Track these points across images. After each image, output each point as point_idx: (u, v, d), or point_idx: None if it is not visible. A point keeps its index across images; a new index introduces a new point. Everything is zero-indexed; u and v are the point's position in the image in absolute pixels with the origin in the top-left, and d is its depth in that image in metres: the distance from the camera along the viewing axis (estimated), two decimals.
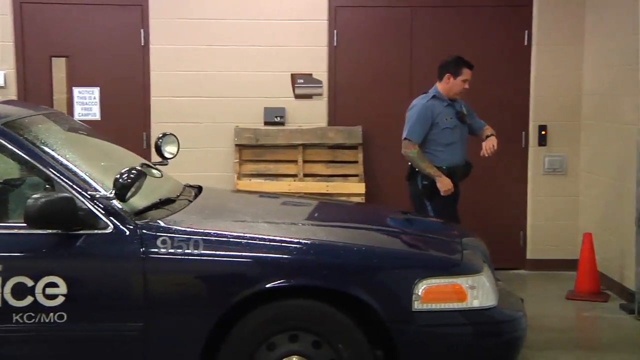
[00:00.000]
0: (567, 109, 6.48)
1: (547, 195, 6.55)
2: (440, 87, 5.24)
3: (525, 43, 6.47)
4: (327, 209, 4.45)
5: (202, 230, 3.34)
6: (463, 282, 3.34)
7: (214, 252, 3.28)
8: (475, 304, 3.34)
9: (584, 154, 6.43)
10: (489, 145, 5.19)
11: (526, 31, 6.47)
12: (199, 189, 4.26)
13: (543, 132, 6.47)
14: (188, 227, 3.36)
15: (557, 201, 6.56)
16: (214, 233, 3.35)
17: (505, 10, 6.49)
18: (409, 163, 5.25)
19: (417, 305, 3.26)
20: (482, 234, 4.38)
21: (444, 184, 5.07)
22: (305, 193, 6.13)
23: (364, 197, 6.22)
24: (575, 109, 6.46)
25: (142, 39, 6.45)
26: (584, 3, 6.37)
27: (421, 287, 3.27)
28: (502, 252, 6.16)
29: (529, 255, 6.62)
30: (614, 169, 5.86)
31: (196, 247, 3.26)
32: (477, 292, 3.35)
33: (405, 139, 5.17)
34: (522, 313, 3.57)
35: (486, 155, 5.21)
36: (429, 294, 3.28)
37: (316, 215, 4.18)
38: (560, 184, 6.55)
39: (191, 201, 3.91)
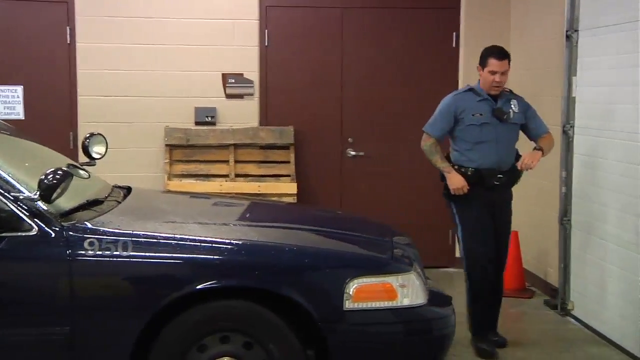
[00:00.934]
0: None
1: None
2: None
3: (454, 45, 6.59)
4: (259, 209, 4.44)
5: (131, 232, 3.29)
6: (393, 280, 3.38)
7: (143, 254, 3.23)
8: (406, 302, 3.38)
9: None
10: (526, 160, 4.54)
11: (454, 33, 6.59)
12: (128, 190, 4.19)
13: None
14: (116, 229, 3.30)
15: None
16: (143, 234, 3.30)
17: (434, 12, 6.60)
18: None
19: (348, 305, 3.28)
20: (411, 233, 4.44)
21: (453, 182, 4.57)
22: (236, 193, 6.11)
23: (295, 197, 6.23)
24: None
25: (68, 36, 6.29)
26: (508, 7, 6.53)
27: (352, 287, 3.29)
28: (432, 251, 6.28)
29: (457, 254, 6.71)
30: (538, 169, 5.99)
31: (125, 249, 3.20)
32: (407, 290, 3.39)
33: (423, 130, 4.78)
34: (451, 310, 3.63)
35: (521, 169, 4.60)
36: (360, 293, 3.30)
37: (248, 215, 4.16)
38: None
39: (120, 202, 3.84)
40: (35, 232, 3.17)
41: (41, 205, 3.19)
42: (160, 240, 3.29)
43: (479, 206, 4.60)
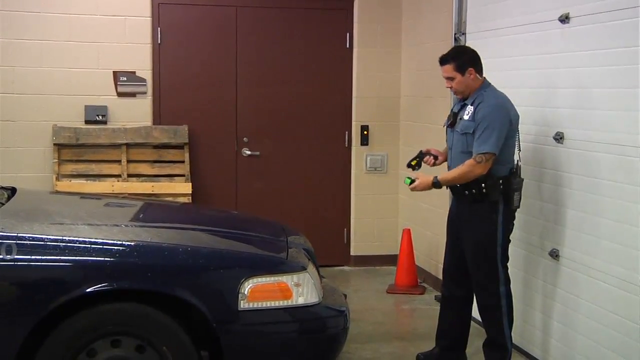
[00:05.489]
0: (387, 110, 6.76)
1: (369, 193, 6.80)
2: None
3: (347, 46, 6.67)
4: (152, 210, 4.37)
5: (15, 234, 3.18)
6: (288, 280, 3.39)
7: (29, 257, 3.13)
8: (300, 301, 3.41)
9: (402, 153, 6.73)
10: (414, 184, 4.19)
11: (348, 34, 6.67)
12: (13, 191, 4.04)
13: (365, 132, 6.71)
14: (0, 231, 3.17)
15: (378, 199, 6.82)
16: (29, 237, 3.20)
17: (329, 13, 6.66)
18: None
19: (243, 305, 3.28)
20: (307, 232, 4.48)
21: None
22: (129, 194, 5.98)
23: (190, 197, 6.15)
24: (395, 110, 6.75)
25: None
26: (400, 9, 6.67)
27: (247, 286, 3.29)
28: (327, 250, 6.35)
29: (352, 252, 6.84)
30: (423, 167, 6.16)
31: (9, 252, 3.09)
32: (302, 289, 3.41)
33: None
34: (345, 308, 3.68)
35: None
36: (255, 292, 3.30)
37: (141, 216, 4.09)
38: (381, 182, 6.82)
39: (3, 204, 3.70)
40: None
41: None
42: (48, 243, 3.20)
43: (448, 215, 4.43)
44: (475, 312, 4.49)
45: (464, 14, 5.44)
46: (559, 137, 4.22)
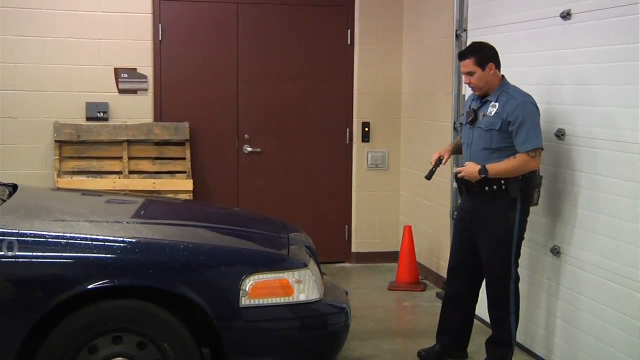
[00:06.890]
0: (389, 107, 6.75)
1: (370, 189, 6.80)
2: None
3: (348, 42, 6.67)
4: (154, 207, 4.37)
5: (16, 231, 3.18)
6: (290, 276, 3.39)
7: (30, 254, 3.13)
8: (302, 297, 3.41)
9: (403, 149, 6.74)
10: (460, 168, 4.16)
11: (349, 31, 6.67)
12: (14, 188, 4.04)
13: (366, 129, 6.71)
14: (1, 228, 3.17)
15: (379, 195, 6.82)
16: (30, 233, 3.20)
17: (329, 9, 6.66)
18: None
19: (244, 302, 3.28)
20: (308, 228, 4.48)
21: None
22: (130, 190, 5.98)
23: (191, 194, 6.16)
24: (396, 107, 6.74)
25: None
26: (401, 5, 6.66)
27: (248, 283, 3.29)
28: (328, 246, 6.35)
29: (353, 249, 6.84)
30: (422, 164, 6.16)
31: (10, 249, 3.10)
32: (303, 286, 3.42)
33: None
34: (346, 305, 3.68)
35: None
36: (256, 289, 3.31)
37: (142, 213, 4.10)
38: (382, 179, 6.82)
39: (5, 200, 3.70)
40: None
41: None
42: (49, 240, 3.20)
43: (457, 212, 4.42)
44: (478, 310, 4.49)
45: (465, 11, 5.43)
46: (560, 134, 4.21)
